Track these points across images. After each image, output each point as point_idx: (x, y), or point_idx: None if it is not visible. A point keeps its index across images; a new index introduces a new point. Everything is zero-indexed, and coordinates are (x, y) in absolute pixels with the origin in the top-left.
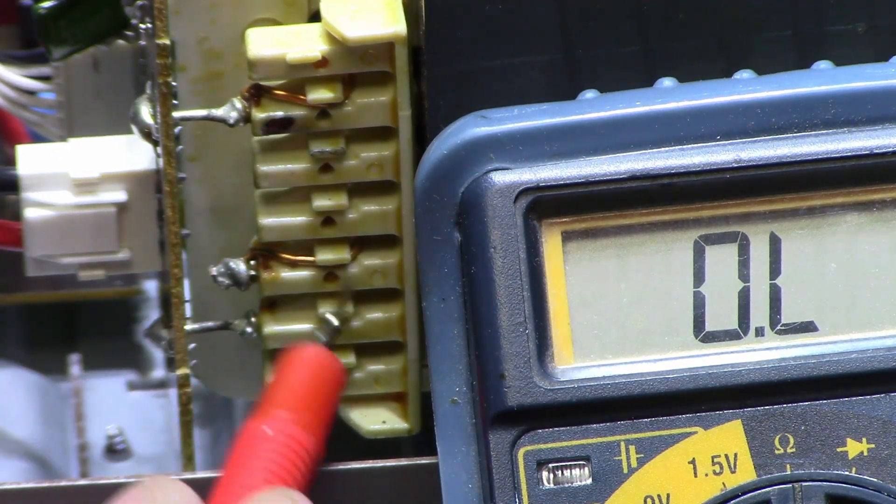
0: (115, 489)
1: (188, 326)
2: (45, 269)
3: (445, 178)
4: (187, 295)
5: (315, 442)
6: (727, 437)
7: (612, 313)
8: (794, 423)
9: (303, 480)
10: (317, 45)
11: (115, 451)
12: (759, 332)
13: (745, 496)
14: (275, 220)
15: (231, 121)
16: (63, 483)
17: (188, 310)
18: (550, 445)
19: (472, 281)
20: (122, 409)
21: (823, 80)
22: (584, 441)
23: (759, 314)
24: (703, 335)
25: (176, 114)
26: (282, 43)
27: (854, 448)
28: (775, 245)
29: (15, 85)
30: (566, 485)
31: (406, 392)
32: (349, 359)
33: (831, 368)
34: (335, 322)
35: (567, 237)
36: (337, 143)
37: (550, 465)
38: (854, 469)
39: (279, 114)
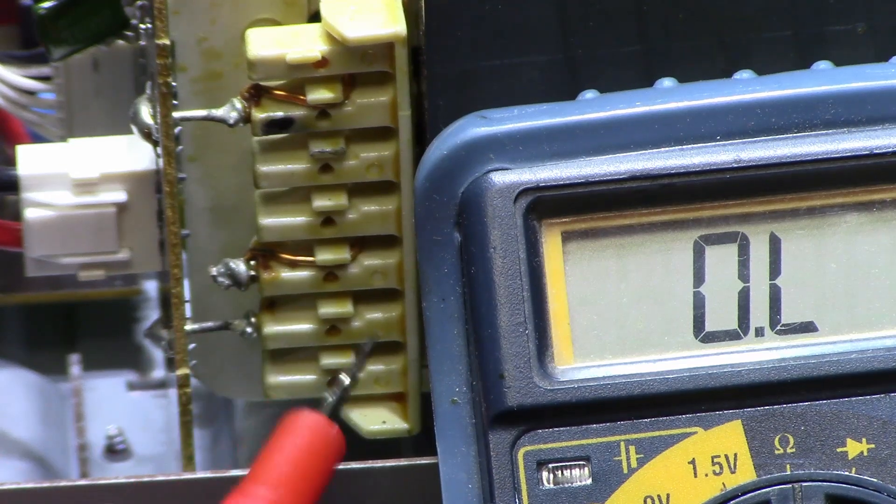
0: (115, 489)
1: (188, 326)
2: (45, 269)
3: (445, 178)
4: (187, 295)
5: None
6: (727, 437)
7: (612, 313)
8: (794, 423)
9: None
10: (317, 45)
11: (114, 451)
12: (759, 332)
13: (745, 496)
14: (275, 220)
15: (231, 121)
16: (63, 483)
17: (188, 310)
18: (550, 445)
19: (472, 281)
20: (122, 409)
21: (823, 80)
22: (584, 441)
23: (759, 314)
24: (703, 335)
25: (176, 114)
26: (282, 43)
27: (854, 448)
28: (775, 245)
29: (15, 85)
30: (566, 485)
31: (406, 392)
32: (349, 359)
33: (831, 368)
34: (346, 381)
35: (567, 237)
36: (337, 143)
37: (550, 466)
38: (854, 469)
39: (279, 114)
